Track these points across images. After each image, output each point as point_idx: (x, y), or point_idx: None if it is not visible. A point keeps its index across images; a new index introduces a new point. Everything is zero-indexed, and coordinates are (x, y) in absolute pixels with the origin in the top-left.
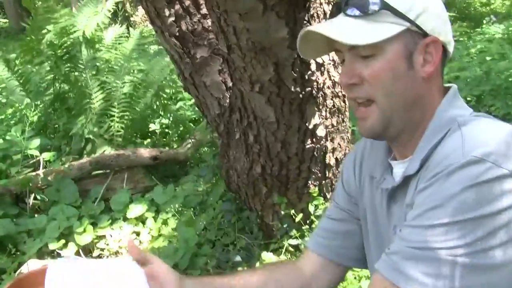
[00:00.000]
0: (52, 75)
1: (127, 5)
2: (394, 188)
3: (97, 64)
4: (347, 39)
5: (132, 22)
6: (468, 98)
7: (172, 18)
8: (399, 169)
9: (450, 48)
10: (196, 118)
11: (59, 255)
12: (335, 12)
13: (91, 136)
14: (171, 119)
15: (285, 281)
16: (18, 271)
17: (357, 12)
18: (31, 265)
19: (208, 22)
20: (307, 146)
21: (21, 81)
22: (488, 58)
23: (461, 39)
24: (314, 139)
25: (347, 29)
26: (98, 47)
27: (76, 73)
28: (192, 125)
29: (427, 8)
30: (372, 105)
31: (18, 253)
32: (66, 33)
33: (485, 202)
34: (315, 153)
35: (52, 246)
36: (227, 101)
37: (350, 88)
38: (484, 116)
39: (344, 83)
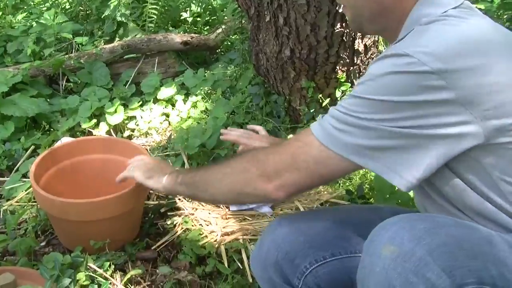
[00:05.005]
0: None
1: None
2: None
3: None
4: None
5: None
6: None
7: None
8: None
9: None
10: (226, 7)
11: (90, 133)
12: None
13: (123, 19)
14: (202, 7)
15: None
16: (52, 146)
17: None
18: (64, 141)
19: None
20: (337, 31)
21: None
22: None
23: None
24: (343, 24)
25: None
26: None
27: None
28: (222, 13)
29: None
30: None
31: (52, 130)
32: None
33: (399, 91)
34: (344, 38)
35: (84, 125)
36: None
37: None
38: (454, 16)
39: None
